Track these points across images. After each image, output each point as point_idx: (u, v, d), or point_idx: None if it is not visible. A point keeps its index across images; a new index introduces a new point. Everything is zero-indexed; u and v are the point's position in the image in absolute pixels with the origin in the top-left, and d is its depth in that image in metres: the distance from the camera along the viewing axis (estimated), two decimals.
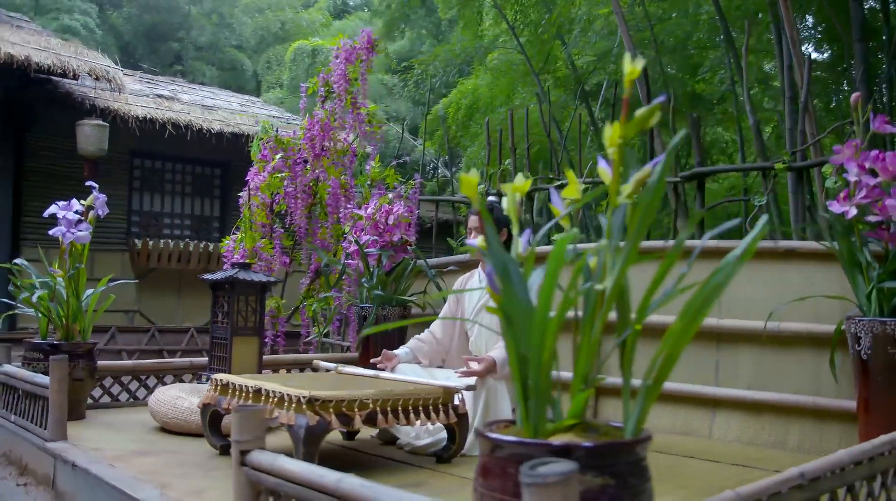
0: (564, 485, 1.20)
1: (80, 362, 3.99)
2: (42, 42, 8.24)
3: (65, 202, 4.01)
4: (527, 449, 1.44)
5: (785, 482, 1.77)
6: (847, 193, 3.02)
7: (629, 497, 1.42)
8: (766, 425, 3.60)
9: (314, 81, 6.29)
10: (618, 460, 1.42)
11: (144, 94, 10.41)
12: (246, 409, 2.02)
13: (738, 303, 3.76)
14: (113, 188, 9.80)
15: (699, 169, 4.46)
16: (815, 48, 11.41)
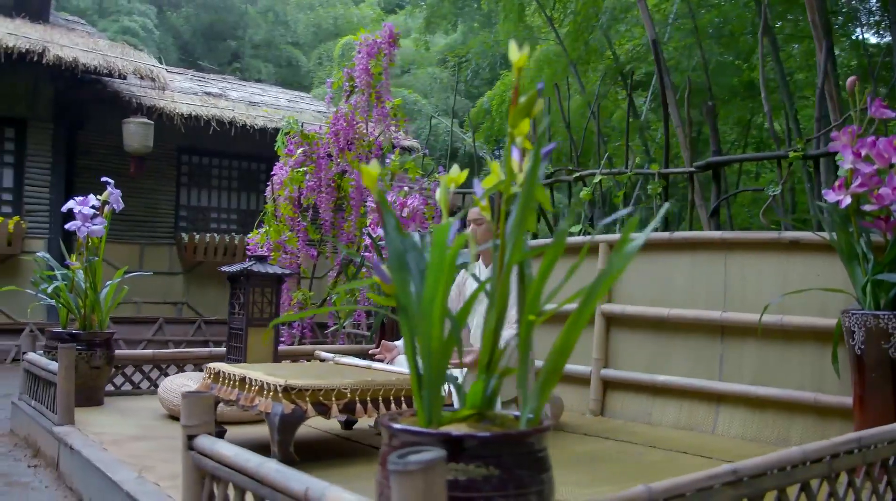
0: (426, 473, 1.20)
1: (97, 350, 4.14)
2: (90, 44, 8.54)
3: (82, 197, 4.16)
4: (414, 438, 1.44)
5: (714, 477, 1.72)
6: (843, 181, 2.91)
7: (514, 488, 1.41)
8: (769, 421, 3.50)
9: (339, 76, 6.36)
10: (503, 451, 1.40)
11: (193, 92, 10.67)
12: (193, 395, 2.08)
13: (743, 295, 3.66)
14: (161, 184, 10.12)
15: (713, 159, 4.35)
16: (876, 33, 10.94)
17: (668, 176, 4.65)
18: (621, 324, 4.20)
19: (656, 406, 3.95)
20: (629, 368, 4.12)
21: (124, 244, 9.65)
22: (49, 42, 7.96)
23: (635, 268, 4.19)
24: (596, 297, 1.48)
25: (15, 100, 8.46)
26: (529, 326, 1.51)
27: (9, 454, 3.76)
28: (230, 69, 19.99)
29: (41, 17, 9.27)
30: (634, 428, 3.81)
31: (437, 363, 1.49)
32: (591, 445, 3.39)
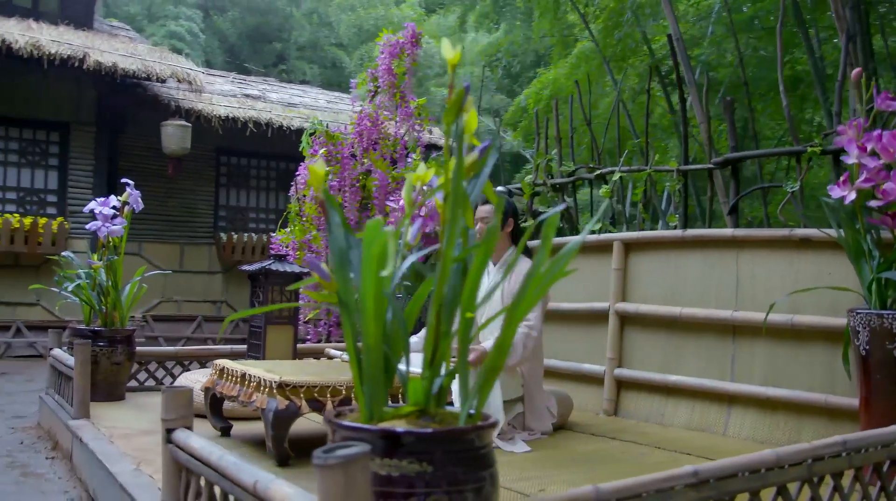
0: (346, 468, 1.22)
1: (118, 347, 4.25)
2: (130, 49, 8.77)
3: (103, 198, 4.27)
4: (352, 434, 1.45)
5: (674, 478, 1.69)
6: (848, 176, 2.82)
7: (447, 485, 1.41)
8: (780, 423, 3.42)
9: (363, 76, 6.41)
10: (437, 448, 1.40)
11: (232, 94, 10.86)
12: (172, 389, 2.13)
13: (753, 294, 3.58)
14: (200, 185, 10.34)
15: (731, 155, 4.25)
16: None
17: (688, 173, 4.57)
18: (635, 323, 4.15)
19: (669, 407, 3.89)
20: (643, 367, 4.06)
21: (165, 244, 9.90)
22: (90, 48, 8.20)
23: (649, 266, 4.14)
24: (525, 299, 1.46)
25: (59, 105, 8.74)
26: (466, 323, 1.50)
27: (31, 445, 3.89)
28: (276, 71, 20.30)
29: (85, 24, 9.54)
30: (645, 429, 3.76)
31: (374, 359, 1.49)
32: (596, 445, 3.36)
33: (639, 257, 4.19)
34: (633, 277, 4.20)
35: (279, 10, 21.02)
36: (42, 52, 7.72)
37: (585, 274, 4.48)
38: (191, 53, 17.50)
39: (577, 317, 4.49)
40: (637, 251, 4.20)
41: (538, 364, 3.68)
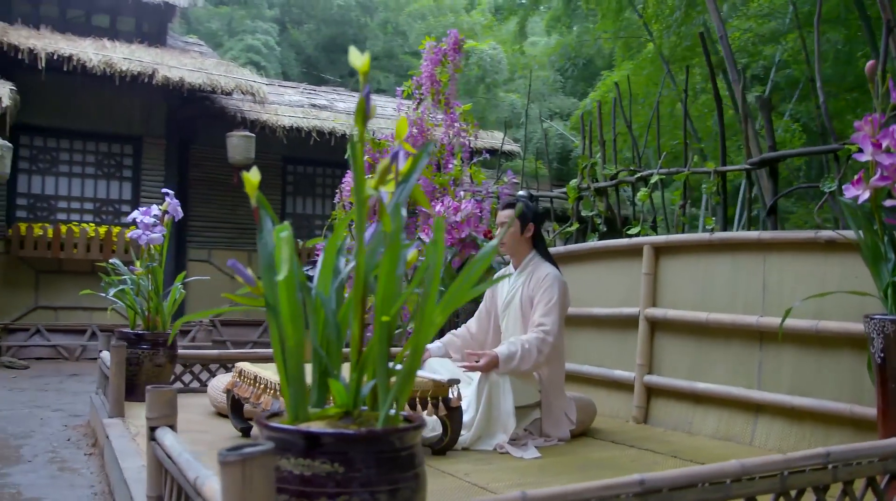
0: (244, 465, 1.26)
1: (160, 349, 4.44)
2: (197, 64, 9.13)
3: (145, 208, 4.47)
4: (274, 434, 1.49)
5: (617, 487, 1.65)
6: (863, 174, 2.69)
7: (359, 486, 1.42)
8: (806, 434, 3.27)
9: (409, 84, 6.48)
10: (349, 449, 1.42)
11: (299, 104, 11.16)
12: (156, 389, 2.22)
13: (780, 299, 3.44)
14: (267, 193, 10.57)
15: (767, 155, 4.11)
16: None
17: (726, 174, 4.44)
18: (664, 329, 4.05)
19: (697, 415, 3.78)
20: (672, 374, 3.96)
21: (233, 251, 10.23)
22: (159, 64, 8.57)
23: (678, 270, 4.04)
24: (429, 302, 1.46)
25: (131, 119, 9.18)
26: (383, 327, 1.51)
27: (76, 442, 4.10)
28: (353, 81, 20.72)
29: (158, 41, 9.99)
30: (670, 437, 3.66)
31: (295, 362, 1.52)
32: (611, 452, 3.30)
33: (669, 261, 4.09)
34: (664, 281, 4.10)
35: (354, 20, 21.44)
36: (114, 69, 8.12)
37: (618, 278, 4.40)
38: (266, 66, 18.08)
39: (609, 322, 4.41)
40: (667, 255, 4.10)
41: (558, 370, 3.64)
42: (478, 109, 15.90)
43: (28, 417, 4.81)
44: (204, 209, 10.09)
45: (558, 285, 3.58)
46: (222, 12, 20.27)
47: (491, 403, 3.34)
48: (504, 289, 3.85)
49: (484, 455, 3.21)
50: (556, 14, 17.22)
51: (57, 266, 8.77)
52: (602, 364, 4.43)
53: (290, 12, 21.10)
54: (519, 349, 3.38)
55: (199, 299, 9.73)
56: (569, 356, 4.65)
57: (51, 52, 7.91)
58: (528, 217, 3.73)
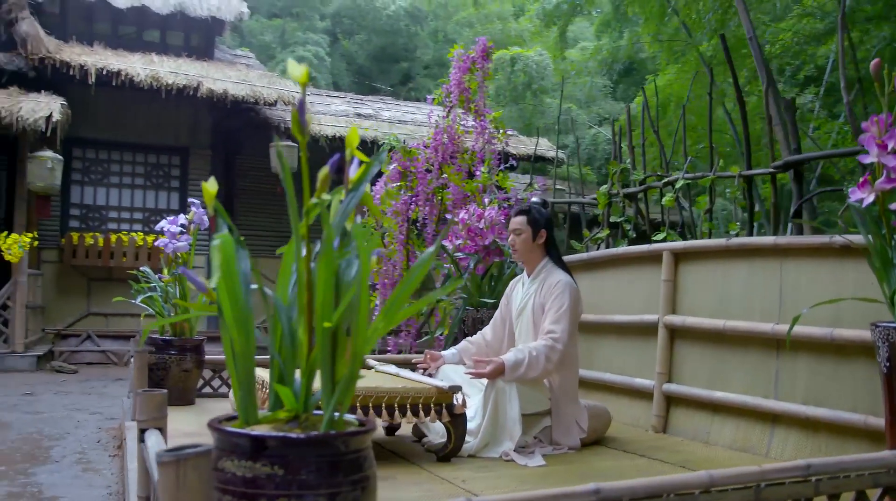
0: (176, 465, 1.31)
1: (188, 355, 4.55)
2: (241, 76, 9.36)
3: (173, 217, 4.60)
4: (222, 436, 1.53)
5: (569, 496, 1.63)
6: (868, 176, 2.61)
7: (298, 489, 1.45)
8: (822, 445, 3.17)
9: (439, 92, 6.52)
10: (288, 452, 1.45)
11: (344, 114, 11.33)
12: (146, 393, 2.28)
13: (796, 306, 3.34)
14: None
15: (791, 158, 4.00)
16: None
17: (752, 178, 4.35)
18: (684, 336, 3.98)
19: (715, 425, 3.70)
20: (691, 383, 3.88)
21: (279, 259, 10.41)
22: (204, 77, 8.82)
23: (697, 277, 3.96)
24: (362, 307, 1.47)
25: (178, 130, 9.46)
26: (325, 333, 1.53)
27: (104, 444, 4.24)
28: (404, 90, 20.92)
29: (206, 54, 10.28)
30: (685, 447, 3.59)
31: (243, 367, 1.56)
32: (618, 462, 3.25)
33: (688, 267, 4.02)
34: (683, 288, 4.03)
35: (404, 30, 21.65)
36: (161, 83, 8.39)
37: (639, 285, 4.34)
38: (317, 76, 18.39)
39: (630, 329, 4.35)
40: (686, 261, 4.03)
41: (570, 377, 3.60)
42: (525, 116, 15.88)
43: (66, 419, 4.99)
44: (250, 218, 10.31)
45: (569, 292, 3.55)
46: (275, 25, 20.73)
47: (497, 410, 3.33)
48: (518, 296, 3.84)
49: (489, 462, 3.20)
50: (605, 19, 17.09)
51: (107, 274, 9.08)
52: (624, 372, 4.37)
53: (342, 23, 21.43)
54: (526, 356, 3.36)
55: None
56: (591, 364, 4.61)
57: (101, 67, 8.21)
58: (540, 224, 3.71)
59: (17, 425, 4.66)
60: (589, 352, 4.66)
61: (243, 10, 10.45)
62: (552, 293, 3.57)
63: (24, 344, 7.36)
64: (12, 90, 7.69)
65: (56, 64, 8.08)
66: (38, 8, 9.25)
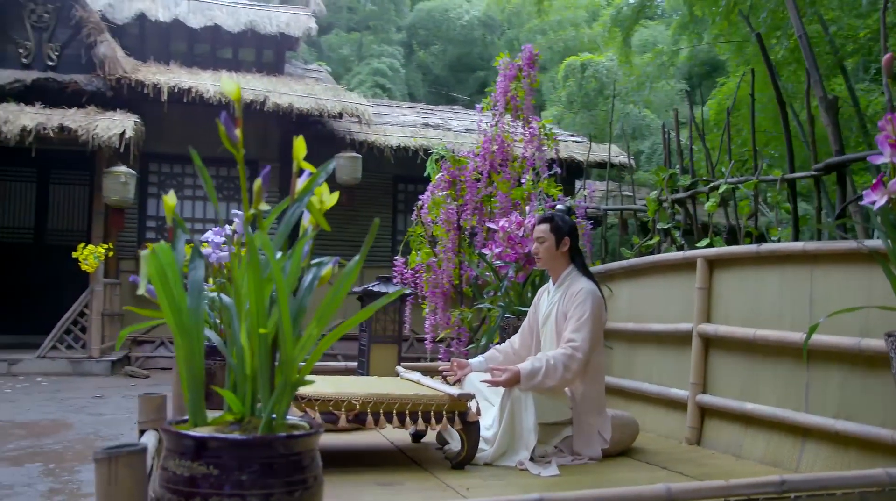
0: (110, 463, 1.39)
1: None
2: (307, 90, 9.63)
3: (218, 228, 4.77)
4: (168, 437, 1.60)
5: None
6: (881, 178, 2.49)
7: (231, 489, 1.50)
8: (851, 461, 3.01)
9: (487, 100, 6.53)
10: (223, 453, 1.50)
11: (412, 124, 11.48)
12: (146, 396, 2.40)
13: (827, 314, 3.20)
14: (378, 211, 11.00)
15: (832, 160, 3.83)
16: None
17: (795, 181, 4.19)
18: (718, 346, 3.86)
19: (747, 438, 3.57)
20: (724, 394, 3.76)
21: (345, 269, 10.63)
22: (271, 92, 9.12)
23: (731, 284, 3.84)
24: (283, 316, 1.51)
25: (248, 144, 9.71)
26: (262, 339, 1.58)
27: None
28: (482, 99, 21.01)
29: (276, 69, 10.62)
30: (714, 461, 3.48)
31: (190, 371, 1.62)
32: (636, 474, 3.18)
33: (722, 274, 3.90)
34: (718, 296, 3.91)
35: (479, 40, 21.76)
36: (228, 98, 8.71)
37: (675, 293, 4.24)
38: (392, 88, 18.69)
39: (668, 338, 4.25)
40: (721, 268, 3.91)
41: (594, 387, 3.55)
42: (598, 122, 15.68)
43: (125, 421, 5.24)
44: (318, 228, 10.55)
45: (591, 300, 3.50)
46: (353, 38, 21.17)
47: (513, 419, 3.31)
48: (544, 304, 3.81)
49: (502, 471, 3.19)
50: (683, 21, 16.69)
51: None
52: (661, 382, 4.27)
53: (417, 35, 21.71)
54: (543, 365, 3.33)
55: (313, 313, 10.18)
56: (630, 373, 4.52)
57: (172, 85, 8.61)
58: (564, 232, 3.68)
59: (79, 426, 4.93)
60: (629, 361, 4.58)
61: (311, 26, 10.75)
62: (574, 302, 3.53)
63: (99, 350, 7.77)
64: (90, 109, 8.15)
65: (131, 83, 8.52)
66: (120, 31, 9.78)
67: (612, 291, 4.83)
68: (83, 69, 8.70)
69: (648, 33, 17.82)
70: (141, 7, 9.93)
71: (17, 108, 7.82)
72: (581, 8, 17.51)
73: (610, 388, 4.61)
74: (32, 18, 8.67)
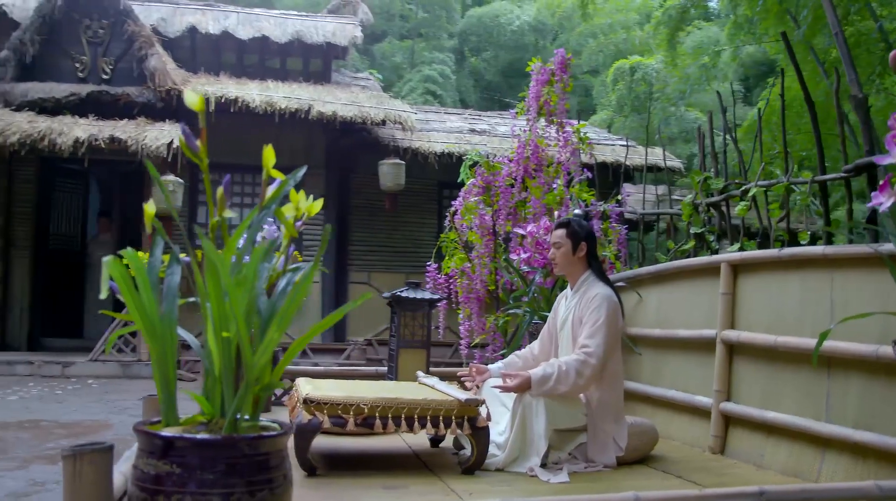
0: (74, 460, 1.46)
1: None
2: (351, 98, 9.76)
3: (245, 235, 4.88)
4: (139, 436, 1.66)
5: None
6: (888, 180, 2.41)
7: (195, 486, 1.55)
8: (871, 473, 2.91)
9: (521, 105, 6.52)
10: (186, 453, 1.56)
11: (458, 130, 11.52)
12: (150, 397, 2.48)
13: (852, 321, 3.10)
14: (423, 217, 11.07)
15: (861, 161, 3.71)
16: None
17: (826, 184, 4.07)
18: (741, 352, 3.77)
19: (769, 447, 3.48)
20: (747, 402, 3.68)
21: (391, 274, 10.73)
22: (315, 100, 9.28)
23: (754, 290, 3.76)
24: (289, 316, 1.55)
25: (294, 151, 9.96)
26: (224, 343, 1.62)
27: None
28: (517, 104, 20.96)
29: (323, 78, 10.79)
30: (733, 470, 3.40)
31: (160, 374, 1.68)
32: (648, 482, 3.14)
33: (746, 279, 3.81)
34: (742, 301, 3.82)
35: (531, 45, 21.69)
36: (274, 108, 8.91)
37: (701, 298, 4.16)
38: (443, 94, 18.79)
39: (693, 345, 4.18)
40: (745, 273, 3.83)
41: (611, 393, 3.51)
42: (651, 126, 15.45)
43: None
44: (363, 234, 10.68)
45: (607, 306, 3.47)
46: (405, 46, 21.36)
47: (524, 425, 3.31)
48: (562, 310, 3.80)
49: (511, 476, 3.18)
50: (737, 21, 16.35)
51: None
52: (687, 389, 4.19)
53: (469, 41, 21.77)
54: (555, 371, 3.32)
55: (360, 319, 10.32)
56: (658, 380, 4.45)
57: (220, 96, 8.84)
58: (580, 236, 3.66)
59: (119, 427, 5.10)
60: (657, 368, 4.51)
61: (357, 35, 10.89)
62: (589, 307, 3.51)
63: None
64: (140, 121, 8.44)
65: (180, 94, 8.78)
66: (173, 44, 10.09)
67: (642, 296, 4.78)
68: (135, 82, 9.02)
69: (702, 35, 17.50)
70: (192, 20, 10.22)
71: (72, 120, 8.17)
72: (633, 10, 17.30)
73: (638, 395, 4.56)
74: (88, 34, 9.04)
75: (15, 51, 8.54)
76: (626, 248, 5.99)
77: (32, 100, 8.48)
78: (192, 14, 10.39)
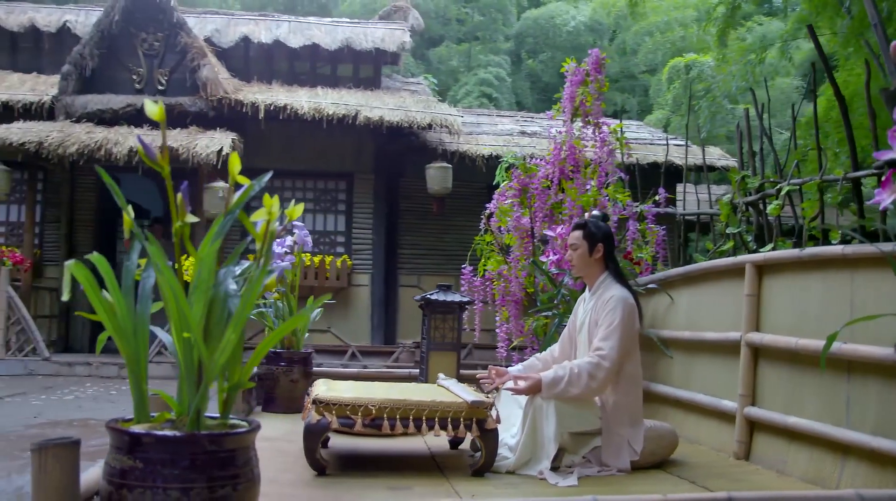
0: (40, 454, 1.55)
1: (295, 367, 4.91)
2: (397, 102, 9.86)
3: (280, 239, 4.99)
4: (110, 434, 1.74)
5: None
6: (890, 176, 2.33)
7: (157, 481, 1.62)
8: (891, 482, 2.81)
9: (558, 106, 6.48)
10: (149, 449, 1.63)
11: (508, 132, 11.52)
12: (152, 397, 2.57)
13: (867, 322, 2.99)
14: (471, 220, 11.03)
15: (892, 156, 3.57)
16: None
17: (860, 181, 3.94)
18: (765, 355, 3.68)
19: (791, 454, 3.38)
20: (771, 406, 3.58)
21: (441, 276, 10.76)
22: (363, 106, 9.42)
23: (779, 291, 3.66)
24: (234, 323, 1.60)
25: (343, 157, 10.15)
26: (184, 343, 1.68)
27: None
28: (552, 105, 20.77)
29: (373, 83, 10.94)
30: (752, 477, 3.32)
31: (132, 372, 1.75)
32: (659, 487, 3.08)
33: (771, 280, 3.71)
34: (767, 303, 3.72)
35: (588, 45, 21.44)
36: (322, 114, 9.08)
37: (728, 300, 4.07)
38: (498, 97, 18.78)
39: (720, 348, 4.08)
40: (769, 274, 3.72)
41: (627, 396, 3.47)
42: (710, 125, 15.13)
43: None
44: (413, 238, 10.77)
45: (622, 308, 3.43)
46: (462, 49, 21.44)
47: (535, 427, 3.30)
48: (580, 312, 3.77)
49: (520, 479, 3.18)
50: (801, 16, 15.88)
51: None
52: (714, 393, 4.10)
53: (525, 43, 21.71)
54: (567, 373, 3.30)
55: (410, 322, 10.41)
56: (688, 384, 4.37)
57: (269, 103, 9.06)
58: (597, 238, 3.63)
59: None
60: (686, 371, 4.43)
61: (406, 40, 11.00)
62: (604, 309, 3.48)
63: None
64: (192, 129, 8.72)
65: (231, 103, 9.04)
66: (226, 54, 10.38)
67: (672, 298, 4.70)
68: (189, 92, 9.32)
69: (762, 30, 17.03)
70: (244, 31, 10.50)
71: (127, 130, 8.51)
72: (690, 7, 16.95)
73: (669, 399, 4.49)
74: (144, 47, 9.39)
75: (76, 65, 8.95)
76: (664, 249, 5.89)
77: (91, 111, 8.87)
78: (245, 24, 10.67)
